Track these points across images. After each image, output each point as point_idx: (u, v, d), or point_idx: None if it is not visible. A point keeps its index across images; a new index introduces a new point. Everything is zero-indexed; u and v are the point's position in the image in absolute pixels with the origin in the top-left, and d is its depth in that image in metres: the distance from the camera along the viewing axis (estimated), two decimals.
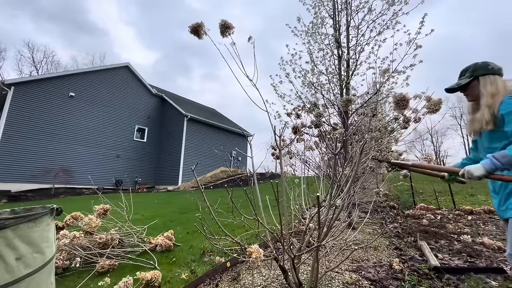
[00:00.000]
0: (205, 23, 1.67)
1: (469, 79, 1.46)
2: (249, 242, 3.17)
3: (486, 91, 1.38)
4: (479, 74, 1.43)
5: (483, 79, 1.41)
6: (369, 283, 2.11)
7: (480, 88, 1.42)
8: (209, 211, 1.65)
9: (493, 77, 1.40)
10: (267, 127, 18.39)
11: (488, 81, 1.39)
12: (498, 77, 1.40)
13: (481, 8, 43.62)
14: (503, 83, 1.37)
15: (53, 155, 11.65)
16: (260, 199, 1.93)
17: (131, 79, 15.31)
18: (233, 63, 1.72)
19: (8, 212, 1.57)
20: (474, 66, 1.46)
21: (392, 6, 3.94)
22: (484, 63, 1.45)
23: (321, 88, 4.24)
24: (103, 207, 3.07)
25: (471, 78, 1.45)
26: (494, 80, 1.38)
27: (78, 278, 2.30)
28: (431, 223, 4.13)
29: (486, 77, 1.41)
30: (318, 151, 3.95)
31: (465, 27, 52.87)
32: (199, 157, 14.96)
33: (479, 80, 1.43)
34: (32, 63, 28.57)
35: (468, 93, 1.51)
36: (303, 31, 4.47)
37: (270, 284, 2.12)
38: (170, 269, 2.47)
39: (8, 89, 10.55)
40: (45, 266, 1.41)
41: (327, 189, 2.78)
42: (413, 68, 3.57)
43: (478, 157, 1.52)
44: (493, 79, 1.39)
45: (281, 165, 2.07)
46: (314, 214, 1.64)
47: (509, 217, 1.29)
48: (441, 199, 6.14)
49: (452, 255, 2.74)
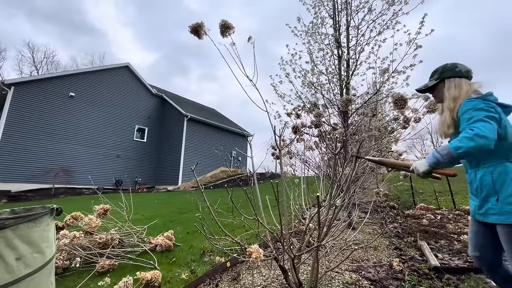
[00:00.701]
0: (204, 24, 1.67)
1: (435, 81, 1.46)
2: (249, 242, 3.17)
3: (449, 94, 1.38)
4: (445, 76, 1.43)
5: (448, 82, 1.41)
6: (369, 283, 2.11)
7: (444, 91, 1.42)
8: (209, 211, 1.65)
9: (458, 80, 1.39)
10: (266, 127, 18.39)
11: (452, 84, 1.39)
12: (464, 80, 1.39)
13: (479, 7, 43.66)
14: (468, 86, 1.36)
15: (53, 155, 11.65)
16: (260, 199, 1.93)
17: (131, 79, 15.31)
18: (232, 63, 1.73)
19: (8, 212, 1.57)
20: (442, 68, 1.46)
21: (392, 6, 3.94)
22: (452, 65, 1.44)
23: (321, 88, 4.24)
24: (103, 207, 3.07)
25: (437, 80, 1.46)
26: (459, 83, 1.38)
27: (78, 278, 2.30)
28: (431, 223, 4.13)
29: (452, 80, 1.41)
30: (318, 151, 3.95)
31: (463, 28, 52.82)
32: (199, 157, 14.96)
33: (445, 83, 1.43)
34: (32, 63, 28.54)
35: (435, 95, 1.52)
36: (303, 31, 4.47)
37: (270, 284, 2.12)
38: (170, 269, 2.47)
39: (8, 89, 10.55)
40: (45, 266, 1.41)
41: (327, 189, 2.78)
42: (413, 68, 3.56)
43: None
44: (458, 82, 1.38)
45: (281, 165, 2.07)
46: (314, 214, 1.64)
47: (493, 222, 1.26)
48: (441, 199, 6.13)
49: (452, 255, 2.74)
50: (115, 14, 47.75)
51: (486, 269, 1.41)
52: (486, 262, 1.39)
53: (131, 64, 15.31)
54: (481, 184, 1.29)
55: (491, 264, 1.38)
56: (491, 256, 1.36)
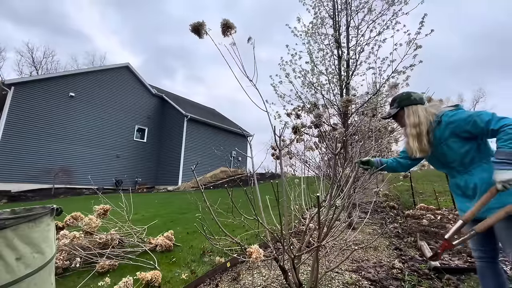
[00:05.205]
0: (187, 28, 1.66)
1: (396, 110, 1.59)
2: (249, 242, 3.17)
3: (409, 121, 1.51)
4: (403, 105, 1.56)
5: (407, 110, 1.55)
6: (369, 283, 2.11)
7: (405, 118, 1.55)
8: (209, 211, 1.65)
9: (415, 108, 1.52)
10: (266, 127, 18.38)
11: (410, 111, 1.52)
12: (420, 106, 1.52)
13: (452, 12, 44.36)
14: (424, 111, 1.49)
15: (53, 155, 11.65)
16: (260, 199, 1.93)
17: (131, 79, 15.31)
18: (223, 64, 1.73)
19: (8, 212, 1.58)
20: (400, 97, 1.61)
21: (392, 6, 3.95)
22: (407, 94, 1.58)
23: (321, 88, 4.24)
24: (103, 207, 3.07)
25: (398, 109, 1.59)
26: (416, 110, 1.51)
27: (78, 278, 2.30)
28: (431, 223, 4.12)
29: (409, 107, 1.54)
30: (318, 151, 3.95)
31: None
32: (199, 157, 14.96)
33: (404, 111, 1.56)
34: (32, 63, 28.56)
35: (398, 121, 1.68)
36: (302, 31, 4.47)
37: (270, 284, 2.12)
38: (170, 269, 2.47)
39: (8, 89, 10.55)
40: (45, 266, 1.41)
41: (327, 189, 2.78)
42: (413, 68, 3.57)
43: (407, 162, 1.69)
44: (415, 109, 1.51)
45: (281, 165, 2.07)
46: (314, 214, 1.65)
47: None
48: (441, 199, 6.13)
49: (452, 255, 2.74)
50: (99, 19, 47.03)
51: (487, 262, 1.43)
52: (487, 256, 1.43)
53: (131, 64, 15.32)
54: (479, 183, 1.32)
55: (492, 257, 1.42)
56: (490, 249, 1.41)
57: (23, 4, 36.57)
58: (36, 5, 38.20)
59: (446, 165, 1.47)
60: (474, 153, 1.35)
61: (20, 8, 36.06)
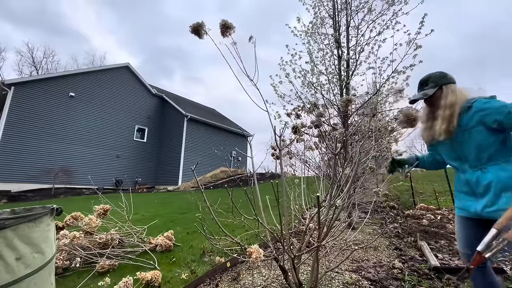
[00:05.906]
0: (184, 29, 1.66)
1: (434, 89, 1.48)
2: (249, 242, 3.17)
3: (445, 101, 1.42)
4: (442, 83, 1.46)
5: (445, 88, 1.45)
6: (369, 283, 2.11)
7: (441, 98, 1.45)
8: (209, 211, 1.65)
9: (453, 86, 1.45)
10: (266, 127, 18.38)
11: (449, 90, 1.44)
12: (457, 86, 1.45)
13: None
14: (460, 91, 1.42)
15: (53, 155, 11.65)
16: (260, 199, 1.93)
17: (131, 79, 15.31)
18: (224, 64, 1.73)
19: (8, 212, 1.58)
20: (435, 75, 1.50)
21: (392, 6, 3.94)
22: (441, 72, 1.50)
23: (321, 88, 4.24)
24: (103, 207, 3.07)
25: (436, 88, 1.47)
26: (454, 90, 1.43)
27: (78, 278, 2.30)
28: (431, 223, 4.12)
29: (448, 86, 1.45)
30: (318, 151, 3.94)
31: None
32: (199, 157, 14.96)
33: (442, 90, 1.46)
34: (32, 63, 28.54)
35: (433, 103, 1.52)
36: (302, 31, 4.47)
37: (270, 284, 2.12)
38: (170, 269, 2.47)
39: (8, 89, 10.55)
40: (45, 266, 1.41)
41: (327, 189, 2.78)
42: (413, 68, 3.57)
43: (436, 159, 1.64)
44: (454, 88, 1.44)
45: (281, 165, 2.07)
46: (314, 214, 1.64)
47: None
48: (441, 199, 6.13)
49: (452, 255, 2.74)
50: (96, 19, 46.89)
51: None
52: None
53: (131, 64, 15.32)
54: (495, 181, 1.26)
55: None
56: None
57: (20, 5, 36.66)
58: (33, 5, 38.32)
59: (460, 157, 1.40)
60: (497, 147, 1.27)
61: (17, 8, 36.17)
